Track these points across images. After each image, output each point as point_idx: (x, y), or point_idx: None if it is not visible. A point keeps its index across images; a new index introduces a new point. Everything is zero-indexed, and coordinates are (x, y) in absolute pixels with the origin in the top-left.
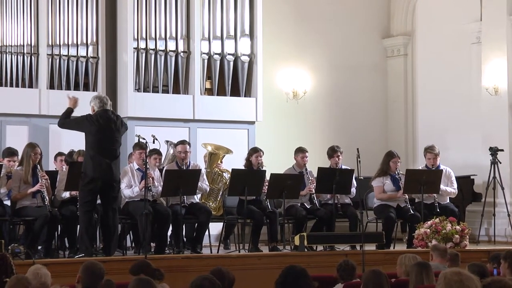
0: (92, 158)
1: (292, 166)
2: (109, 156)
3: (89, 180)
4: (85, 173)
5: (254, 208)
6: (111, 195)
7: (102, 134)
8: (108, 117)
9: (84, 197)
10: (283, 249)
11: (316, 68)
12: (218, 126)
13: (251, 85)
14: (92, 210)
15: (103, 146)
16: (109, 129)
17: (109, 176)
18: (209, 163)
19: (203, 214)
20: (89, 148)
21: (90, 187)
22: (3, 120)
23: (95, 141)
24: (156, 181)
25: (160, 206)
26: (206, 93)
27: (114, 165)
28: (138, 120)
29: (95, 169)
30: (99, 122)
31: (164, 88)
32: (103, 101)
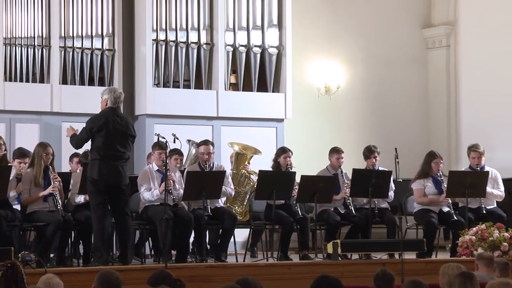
0: (98, 161)
1: (326, 167)
2: (117, 158)
3: (95, 183)
4: (90, 176)
5: (283, 213)
6: (121, 199)
7: (109, 136)
8: (117, 117)
9: (93, 200)
10: (315, 258)
11: (350, 61)
12: (244, 124)
13: (280, 79)
14: (106, 214)
15: (111, 149)
16: (118, 130)
17: (117, 179)
18: (235, 164)
19: (228, 220)
20: (96, 149)
21: (97, 189)
22: (12, 117)
23: (103, 143)
24: (177, 183)
25: (182, 210)
26: (230, 89)
27: (122, 167)
28: (158, 118)
29: (101, 172)
30: (107, 122)
31: (186, 83)
32: (117, 98)
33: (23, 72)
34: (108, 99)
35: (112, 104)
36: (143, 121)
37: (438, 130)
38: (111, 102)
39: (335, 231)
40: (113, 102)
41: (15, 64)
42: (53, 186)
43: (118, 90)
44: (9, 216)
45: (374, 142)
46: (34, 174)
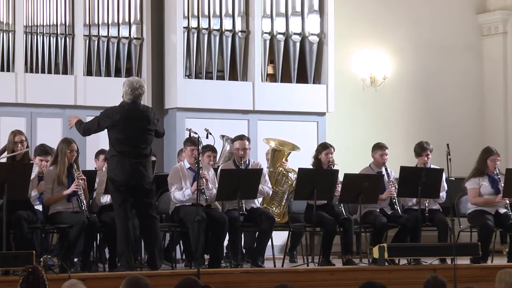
0: (115, 159)
1: (369, 165)
2: (135, 155)
3: (114, 182)
4: (109, 175)
5: (324, 215)
6: (143, 201)
7: (127, 130)
8: (135, 110)
9: (115, 200)
10: (360, 263)
11: (398, 50)
12: (282, 118)
13: (321, 69)
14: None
15: (128, 144)
16: (136, 124)
17: (137, 177)
18: (272, 162)
19: (265, 221)
20: (114, 145)
21: (117, 189)
22: (33, 111)
23: (118, 138)
24: (210, 182)
25: (215, 212)
26: (268, 80)
27: (143, 165)
28: (189, 112)
29: (120, 170)
30: (123, 115)
31: (219, 74)
32: (135, 90)
33: (45, 63)
34: (125, 92)
35: (129, 97)
36: (174, 115)
37: (495, 124)
38: (128, 95)
39: (381, 234)
40: (130, 94)
41: (36, 55)
42: (77, 183)
43: (137, 81)
44: (30, 218)
45: (423, 138)
46: (57, 172)
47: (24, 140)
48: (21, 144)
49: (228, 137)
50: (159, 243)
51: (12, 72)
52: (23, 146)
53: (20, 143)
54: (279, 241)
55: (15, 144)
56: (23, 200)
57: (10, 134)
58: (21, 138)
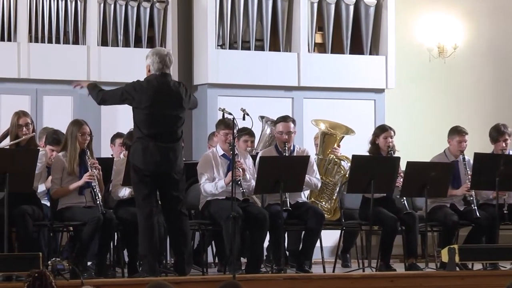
0: (141, 142)
1: (443, 151)
2: (165, 139)
3: (138, 171)
4: (132, 162)
5: (383, 210)
6: (172, 194)
7: (156, 109)
8: (166, 85)
9: (139, 193)
10: (425, 268)
11: (471, 14)
12: (333, 96)
13: (379, 38)
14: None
15: (157, 126)
16: (167, 101)
17: (166, 166)
18: (321, 148)
19: (312, 218)
20: (139, 126)
21: (141, 179)
22: (39, 88)
23: (145, 118)
24: (248, 172)
25: (254, 207)
26: (316, 50)
27: (173, 151)
28: (222, 88)
29: (145, 157)
30: (152, 91)
31: (258, 43)
32: (164, 60)
33: (52, 30)
34: (151, 64)
35: (156, 70)
36: (204, 93)
37: None
38: (155, 67)
39: (451, 234)
40: (157, 67)
41: (43, 21)
42: (91, 173)
43: (164, 51)
44: (36, 213)
45: (502, 119)
46: (68, 159)
47: (29, 123)
48: (26, 128)
49: (269, 119)
50: (188, 245)
51: (14, 42)
52: (28, 130)
53: (25, 127)
54: (329, 242)
55: (19, 128)
56: (27, 193)
57: (13, 116)
58: (26, 121)
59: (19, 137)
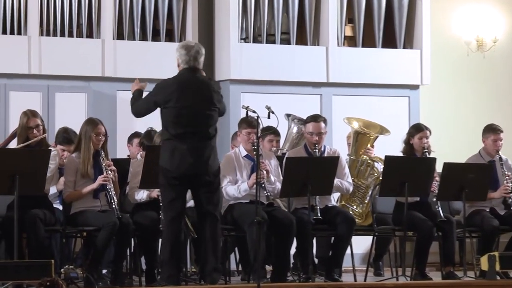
0: (169, 143)
1: (478, 152)
2: (195, 138)
3: (167, 173)
4: (161, 164)
5: (418, 215)
6: (204, 194)
7: (184, 107)
8: (194, 80)
9: (165, 197)
10: (464, 276)
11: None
12: (364, 93)
13: (414, 31)
14: (180, 216)
15: (186, 125)
16: (196, 98)
17: (198, 167)
18: (354, 148)
19: (343, 224)
20: (167, 126)
21: (171, 182)
22: (51, 85)
23: (173, 118)
24: (273, 174)
25: (279, 211)
26: (346, 44)
27: (206, 150)
28: (246, 85)
29: (175, 158)
30: (179, 88)
31: (284, 36)
32: (190, 52)
33: (65, 24)
34: (179, 57)
35: (186, 65)
36: (226, 89)
37: None
38: (184, 61)
39: (491, 240)
40: (187, 61)
41: (54, 14)
42: (106, 175)
43: (192, 43)
44: (48, 218)
45: None
46: (81, 161)
47: (40, 124)
48: (36, 129)
49: (296, 117)
50: (217, 251)
51: (24, 36)
52: (39, 131)
53: (35, 128)
54: (360, 249)
55: (28, 130)
56: (38, 196)
57: (22, 116)
58: (36, 122)
59: (28, 140)
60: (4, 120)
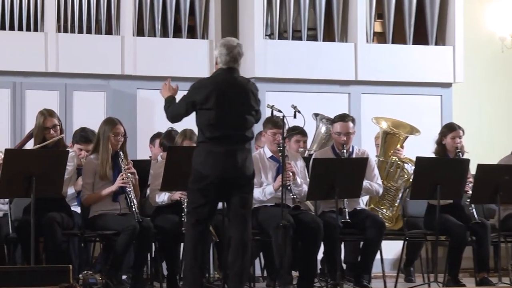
0: (205, 147)
1: (510, 152)
2: (233, 141)
3: (200, 177)
4: (194, 167)
5: (451, 219)
6: (238, 199)
7: (221, 109)
8: (232, 81)
9: (192, 200)
10: (498, 283)
11: None
12: (394, 91)
13: (446, 27)
14: (206, 221)
15: (222, 128)
16: (234, 100)
17: (234, 170)
18: (383, 149)
19: (372, 228)
20: (202, 129)
21: (202, 186)
22: (68, 83)
23: (209, 120)
24: (300, 176)
25: (306, 215)
26: (375, 40)
27: (242, 153)
28: (271, 83)
29: (209, 161)
30: (216, 88)
31: (311, 33)
32: (232, 53)
33: (83, 20)
34: (218, 57)
35: (224, 64)
36: None
37: None
38: (224, 62)
39: None
40: (227, 62)
41: (72, 9)
42: (125, 177)
43: (234, 42)
44: (66, 221)
45: None
46: (99, 162)
47: (57, 124)
48: (53, 130)
49: (324, 116)
50: (247, 256)
51: (41, 32)
52: (56, 131)
53: (52, 129)
54: (390, 254)
55: (45, 131)
56: (56, 198)
57: (38, 116)
58: (53, 122)
59: (45, 141)
60: (20, 120)
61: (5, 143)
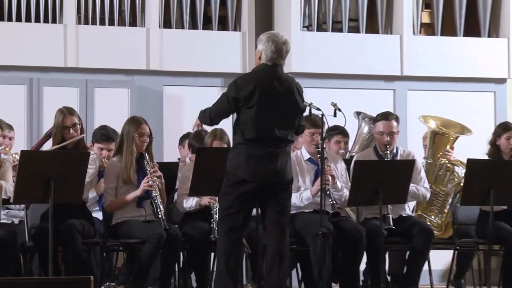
0: (244, 149)
1: None
2: (274, 143)
3: (236, 181)
4: (230, 170)
5: (506, 226)
6: (275, 205)
7: (263, 108)
8: (277, 79)
9: (226, 207)
10: None
11: None
12: (443, 87)
13: (500, 17)
14: (240, 229)
15: (264, 127)
16: (277, 98)
17: (275, 175)
18: (431, 150)
19: (419, 236)
20: (242, 129)
21: (238, 191)
22: (89, 79)
23: (252, 118)
24: (340, 180)
25: (347, 222)
26: (422, 32)
27: (283, 156)
28: (309, 78)
29: (248, 165)
30: (259, 86)
31: (352, 24)
32: (280, 50)
33: (105, 11)
34: (263, 52)
35: (268, 60)
36: None
37: None
38: (267, 56)
39: None
40: (272, 58)
41: (93, 0)
42: (151, 181)
43: (282, 38)
44: (86, 229)
45: None
46: (123, 165)
47: (77, 123)
48: (73, 129)
49: (366, 115)
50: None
51: (60, 24)
52: (76, 131)
53: (71, 128)
54: (439, 265)
55: (64, 130)
56: (76, 204)
57: (57, 115)
58: (73, 121)
59: (64, 141)
60: (37, 119)
61: (21, 145)
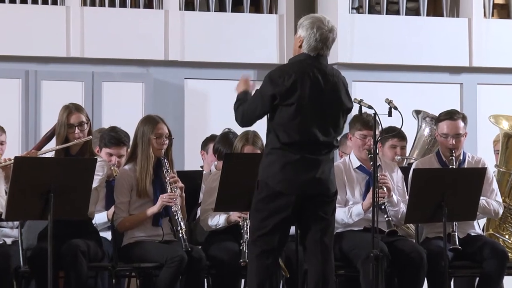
0: (279, 153)
1: None
2: (316, 149)
3: (270, 194)
4: (263, 181)
5: None
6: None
7: (308, 106)
8: (321, 72)
9: (258, 226)
10: None
11: None
12: None
13: None
14: (276, 252)
15: (305, 130)
16: (325, 96)
17: (317, 185)
18: (503, 157)
19: (491, 259)
20: (276, 133)
21: (272, 206)
22: (96, 72)
23: (291, 118)
24: (396, 192)
25: (405, 242)
26: (495, 15)
27: (326, 164)
28: (358, 70)
29: (285, 174)
30: (300, 80)
31: (411, 5)
32: (326, 39)
33: None
34: (305, 39)
35: (311, 50)
36: None
37: None
38: (310, 46)
39: None
40: (316, 48)
41: None
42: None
43: (329, 25)
44: (93, 251)
45: None
46: (138, 174)
47: (84, 121)
48: (79, 128)
49: (428, 114)
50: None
51: (61, 6)
52: (83, 131)
53: (78, 127)
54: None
55: (69, 129)
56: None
57: (62, 111)
58: (80, 119)
59: (68, 141)
60: (34, 119)
61: (14, 149)
